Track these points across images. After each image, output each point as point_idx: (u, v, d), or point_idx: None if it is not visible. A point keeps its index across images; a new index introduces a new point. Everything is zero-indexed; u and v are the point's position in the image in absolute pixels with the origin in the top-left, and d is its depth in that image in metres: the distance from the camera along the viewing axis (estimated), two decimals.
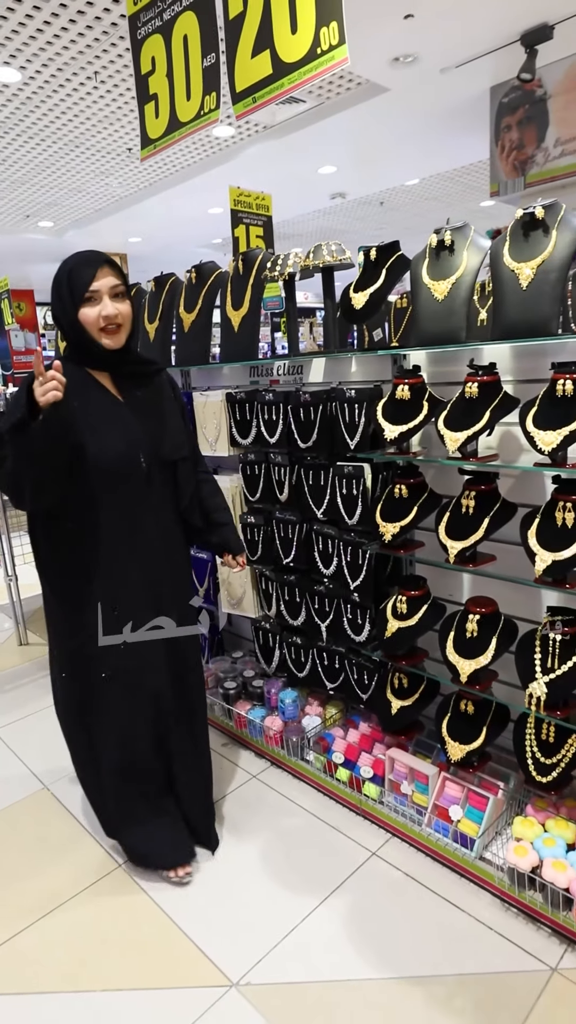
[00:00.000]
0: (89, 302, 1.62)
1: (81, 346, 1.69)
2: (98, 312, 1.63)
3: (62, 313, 1.66)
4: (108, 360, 1.72)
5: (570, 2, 3.69)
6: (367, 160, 6.17)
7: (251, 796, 2.35)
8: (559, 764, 1.77)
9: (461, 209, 7.88)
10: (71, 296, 1.62)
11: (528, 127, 4.56)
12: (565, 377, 1.56)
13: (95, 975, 1.69)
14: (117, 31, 3.80)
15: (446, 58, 4.26)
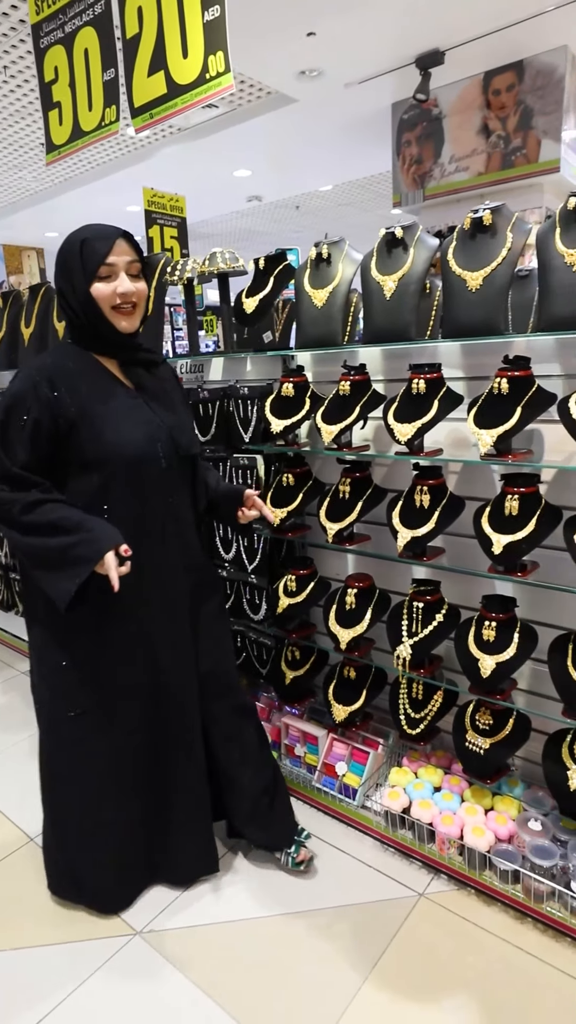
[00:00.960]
0: (104, 278, 1.47)
1: (89, 327, 1.52)
2: (113, 289, 1.47)
3: (70, 289, 1.49)
4: (119, 344, 1.57)
5: (459, 31, 4.01)
6: (281, 165, 6.37)
7: None
8: (426, 718, 2.02)
9: (374, 215, 8.22)
10: (83, 269, 1.46)
11: (426, 143, 4.89)
12: (419, 377, 1.80)
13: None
14: (25, 27, 3.83)
15: (349, 74, 4.51)
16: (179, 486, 1.67)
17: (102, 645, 1.61)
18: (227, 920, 1.82)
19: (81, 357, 1.55)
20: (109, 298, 1.48)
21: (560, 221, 1.61)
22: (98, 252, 1.45)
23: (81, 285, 1.47)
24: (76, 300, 1.49)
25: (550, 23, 3.86)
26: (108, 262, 1.46)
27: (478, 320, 1.73)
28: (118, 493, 1.52)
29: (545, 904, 1.73)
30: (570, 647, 1.72)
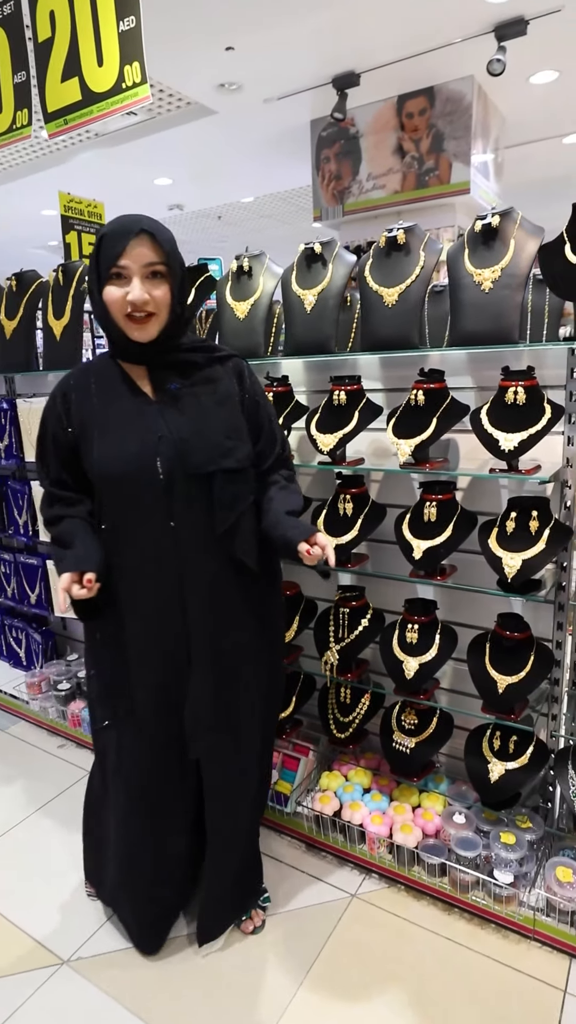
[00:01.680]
0: (116, 279, 1.29)
1: (107, 333, 1.39)
2: (123, 294, 1.29)
3: (91, 291, 1.36)
4: (138, 354, 1.39)
5: (373, 55, 4.16)
6: (201, 175, 6.38)
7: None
8: (355, 721, 2.07)
9: (295, 228, 8.36)
10: (96, 269, 1.31)
11: (344, 160, 5.03)
12: (340, 389, 1.85)
13: None
14: None
15: (268, 90, 4.59)
16: (185, 508, 1.39)
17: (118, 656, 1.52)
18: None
19: (107, 365, 1.43)
20: (121, 304, 1.29)
21: (468, 242, 1.71)
22: (111, 251, 1.27)
23: (93, 287, 1.33)
24: (93, 303, 1.35)
25: (457, 54, 4.08)
26: (120, 264, 1.27)
27: (394, 334, 1.80)
28: (112, 512, 1.41)
29: (470, 893, 1.80)
30: (487, 646, 1.81)
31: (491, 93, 4.67)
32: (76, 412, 1.41)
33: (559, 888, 1.68)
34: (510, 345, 1.64)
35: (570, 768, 1.76)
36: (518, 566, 1.59)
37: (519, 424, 1.59)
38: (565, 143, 5.76)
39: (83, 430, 1.40)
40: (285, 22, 3.71)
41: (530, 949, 1.73)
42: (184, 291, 1.38)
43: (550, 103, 4.90)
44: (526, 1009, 1.57)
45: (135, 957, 1.73)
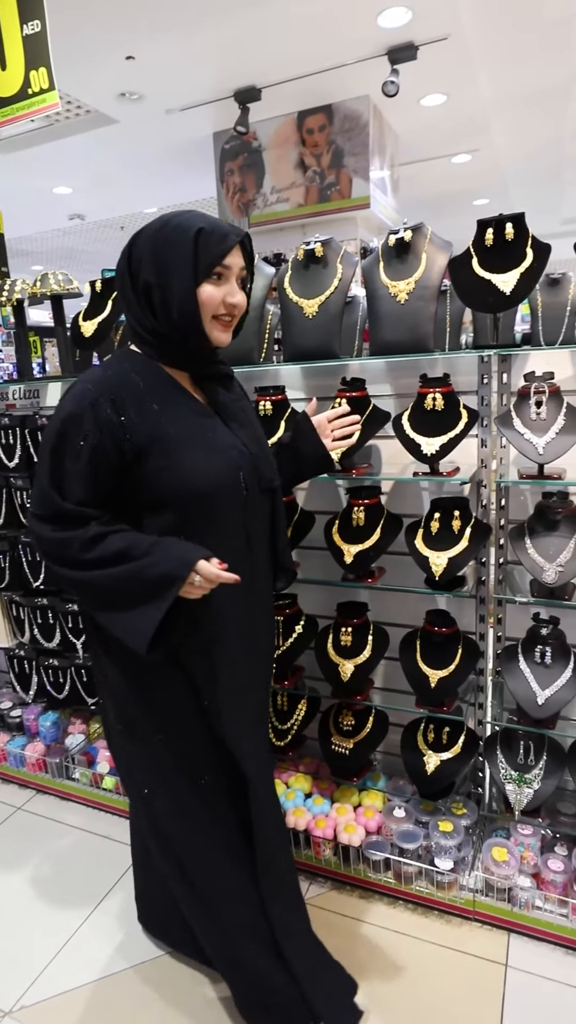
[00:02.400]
0: (216, 279, 1.22)
1: (175, 333, 1.24)
2: (223, 296, 1.23)
3: (163, 282, 1.20)
4: (200, 358, 1.32)
5: (273, 71, 4.24)
6: (102, 184, 6.25)
7: (16, 829, 2.29)
8: (293, 728, 2.08)
9: None
10: (195, 264, 1.19)
11: (248, 173, 5.09)
12: (265, 399, 1.87)
13: None
14: None
15: (170, 101, 4.57)
16: (258, 525, 1.39)
17: (194, 702, 1.32)
18: (105, 976, 1.72)
19: (148, 368, 1.26)
20: (215, 305, 1.23)
21: (383, 255, 1.78)
22: (217, 248, 1.20)
23: (186, 282, 1.20)
24: (174, 297, 1.20)
25: (353, 74, 4.24)
26: (225, 263, 1.21)
27: (317, 344, 1.84)
28: (192, 535, 1.23)
29: (414, 884, 1.85)
30: (418, 643, 1.88)
31: (385, 112, 4.88)
32: (138, 421, 1.19)
33: (496, 868, 1.77)
34: (426, 354, 1.72)
35: (499, 753, 1.86)
36: (444, 564, 1.66)
37: (439, 428, 1.68)
38: (454, 162, 6.11)
39: (152, 442, 1.20)
40: (185, 35, 3.72)
41: (472, 930, 1.81)
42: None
43: (439, 124, 5.19)
44: (472, 986, 1.64)
45: (78, 999, 1.65)
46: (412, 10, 3.61)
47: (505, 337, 2.79)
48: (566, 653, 1.75)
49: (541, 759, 1.81)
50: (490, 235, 1.65)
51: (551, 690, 1.68)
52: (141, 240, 1.23)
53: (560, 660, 1.73)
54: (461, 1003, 1.60)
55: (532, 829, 1.86)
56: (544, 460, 1.57)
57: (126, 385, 1.22)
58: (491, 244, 1.65)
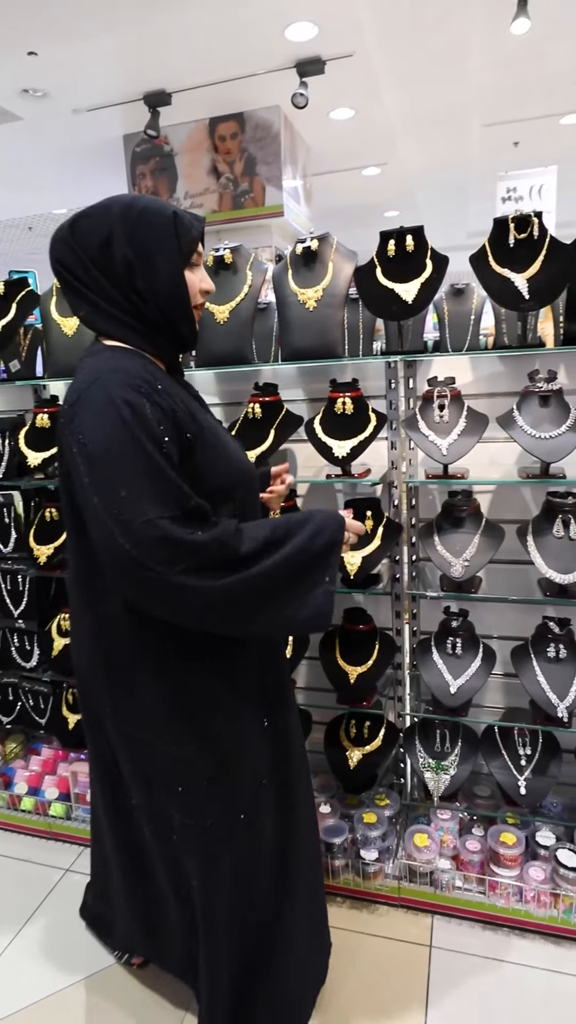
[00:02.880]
0: (193, 264, 1.16)
1: (164, 322, 1.15)
2: (199, 281, 1.18)
3: (146, 270, 1.10)
4: (180, 348, 1.24)
5: (184, 77, 4.23)
6: (8, 183, 6.02)
7: None
8: None
9: None
10: (179, 248, 1.12)
11: (160, 177, 5.05)
12: None
13: None
14: None
15: (77, 100, 4.47)
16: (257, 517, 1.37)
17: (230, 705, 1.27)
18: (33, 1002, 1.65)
19: (142, 358, 1.14)
20: (195, 293, 1.17)
21: (291, 263, 1.82)
22: (194, 232, 1.14)
23: (172, 265, 1.11)
24: (159, 281, 1.11)
25: (264, 84, 4.29)
26: (199, 249, 1.16)
27: (229, 350, 1.85)
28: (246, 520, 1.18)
29: (341, 877, 1.89)
30: (336, 641, 1.92)
31: (296, 123, 4.98)
32: (181, 414, 1.12)
33: (417, 853, 1.84)
34: (336, 359, 1.77)
35: (417, 743, 1.93)
36: (359, 563, 1.72)
37: (349, 432, 1.73)
38: (364, 175, 6.30)
39: (198, 429, 1.14)
40: (91, 34, 3.65)
41: (397, 916, 1.86)
42: None
43: (349, 137, 5.34)
44: (399, 970, 1.69)
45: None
46: (318, 26, 3.70)
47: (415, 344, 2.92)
48: (475, 643, 1.84)
49: (456, 746, 1.90)
50: (392, 246, 1.72)
51: (462, 679, 1.77)
52: (110, 219, 1.10)
53: (470, 650, 1.81)
54: (389, 987, 1.65)
55: (450, 813, 1.94)
56: (448, 460, 1.65)
57: (151, 377, 1.10)
58: (393, 255, 1.72)
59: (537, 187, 3.87)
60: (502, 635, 1.99)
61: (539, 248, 1.62)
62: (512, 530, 1.76)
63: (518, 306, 1.63)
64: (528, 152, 5.86)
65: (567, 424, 1.59)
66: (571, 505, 1.66)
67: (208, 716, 1.22)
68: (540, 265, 1.61)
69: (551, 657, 1.73)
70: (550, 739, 1.86)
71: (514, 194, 3.98)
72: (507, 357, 1.83)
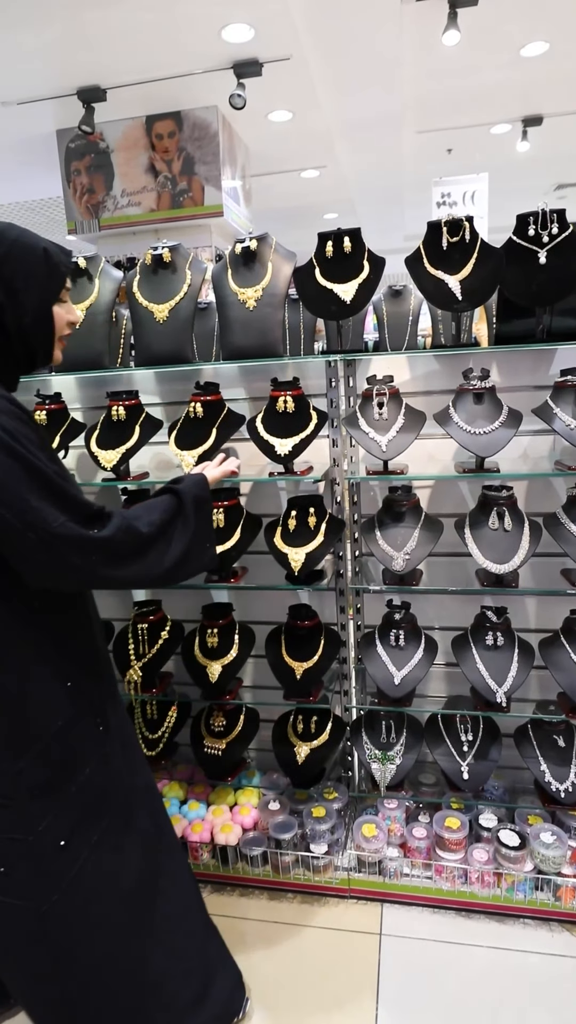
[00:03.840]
0: (61, 299, 1.19)
1: (24, 354, 1.17)
2: (67, 315, 1.21)
3: (11, 300, 1.11)
4: (27, 372, 1.24)
5: (119, 73, 4.16)
6: None
7: None
8: (164, 735, 2.05)
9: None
10: (48, 285, 1.15)
11: (96, 174, 4.94)
12: (118, 404, 1.84)
13: None
14: None
15: (5, 93, 4.33)
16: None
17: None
18: None
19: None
20: (62, 326, 1.20)
21: (230, 263, 1.82)
22: (64, 269, 1.17)
23: (42, 303, 1.15)
24: (28, 320, 1.13)
25: (200, 84, 4.26)
26: (67, 285, 1.20)
27: (169, 349, 1.84)
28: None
29: (292, 873, 1.91)
30: (282, 638, 1.93)
31: (235, 124, 4.96)
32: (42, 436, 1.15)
33: (366, 843, 1.87)
34: (276, 359, 1.79)
35: (364, 735, 1.97)
36: (302, 559, 1.73)
37: (291, 430, 1.74)
38: (303, 177, 6.34)
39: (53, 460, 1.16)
40: (20, 25, 3.54)
41: (348, 907, 1.89)
42: None
43: (287, 140, 5.36)
44: (350, 959, 1.72)
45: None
46: (254, 28, 3.70)
47: (356, 344, 2.96)
48: (418, 635, 1.89)
49: (401, 736, 1.94)
50: (330, 247, 1.75)
51: (406, 670, 1.81)
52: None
53: (412, 642, 1.86)
54: (340, 977, 1.67)
55: (397, 802, 1.98)
56: (387, 456, 1.69)
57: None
58: (331, 256, 1.75)
59: (470, 193, 3.99)
60: (443, 626, 2.05)
61: (471, 251, 1.68)
62: (451, 523, 1.82)
63: (452, 306, 1.68)
64: (460, 159, 6.04)
65: (500, 420, 1.65)
66: (505, 498, 1.72)
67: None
68: (472, 267, 1.66)
69: (489, 645, 1.80)
70: (490, 724, 1.93)
71: (448, 199, 4.09)
72: (443, 356, 1.89)
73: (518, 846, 1.79)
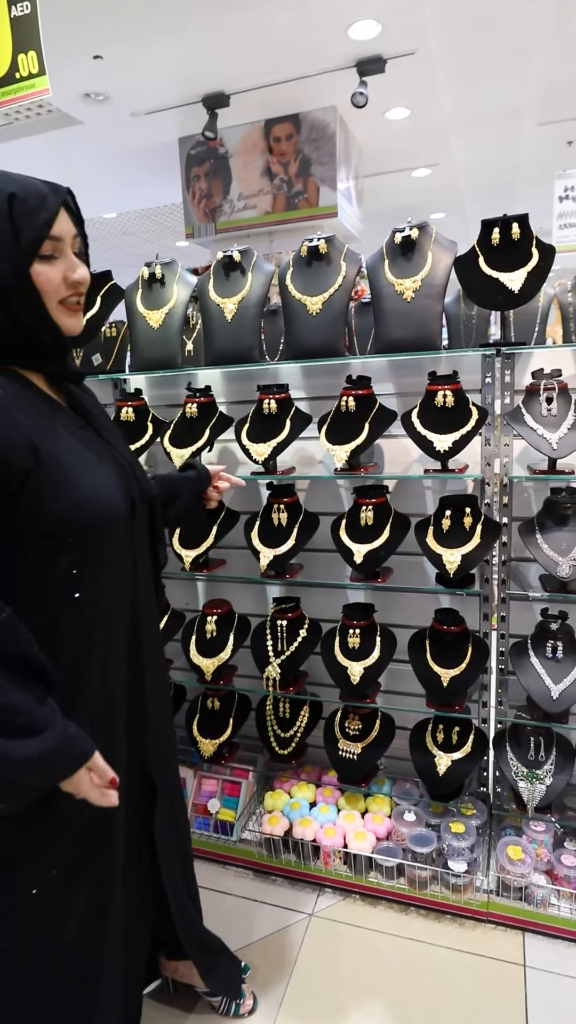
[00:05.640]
0: (47, 257, 0.99)
1: (18, 329, 1.00)
2: (62, 274, 1.00)
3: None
4: (56, 353, 1.07)
5: (241, 79, 4.23)
6: None
7: None
8: (296, 735, 2.03)
9: (159, 246, 8.25)
10: (16, 241, 0.95)
11: (215, 179, 5.05)
12: (269, 397, 1.83)
13: None
14: None
15: (136, 103, 4.50)
16: (142, 547, 1.19)
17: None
18: None
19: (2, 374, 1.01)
20: (56, 288, 1.00)
21: (387, 253, 1.77)
22: (39, 219, 0.96)
23: (14, 266, 0.96)
24: (5, 287, 0.97)
25: (320, 84, 4.26)
26: (54, 235, 0.98)
27: (320, 342, 1.81)
28: (91, 569, 1.03)
29: (428, 889, 1.82)
30: (427, 642, 1.86)
31: (351, 124, 4.94)
32: (21, 438, 0.95)
33: (511, 866, 1.76)
34: (433, 352, 1.72)
35: (508, 750, 1.86)
36: (459, 561, 1.65)
37: (450, 426, 1.67)
38: (414, 176, 6.24)
39: (40, 463, 0.96)
40: (156, 38, 3.66)
41: (486, 931, 1.79)
42: None
43: (402, 138, 5.28)
44: (493, 989, 1.62)
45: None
46: (382, 24, 3.66)
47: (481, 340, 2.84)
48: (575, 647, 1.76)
49: (551, 755, 1.81)
50: (496, 235, 1.67)
51: (564, 684, 1.69)
52: None
53: (571, 654, 1.74)
54: (485, 1008, 1.58)
55: (544, 826, 1.86)
56: (558, 455, 1.58)
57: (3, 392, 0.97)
58: (498, 244, 1.67)
59: None
60: None
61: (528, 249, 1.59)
62: None
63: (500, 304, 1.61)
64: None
65: None
66: None
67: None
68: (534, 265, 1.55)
69: None
70: None
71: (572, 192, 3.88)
72: None
73: None
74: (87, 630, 1.03)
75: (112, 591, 1.08)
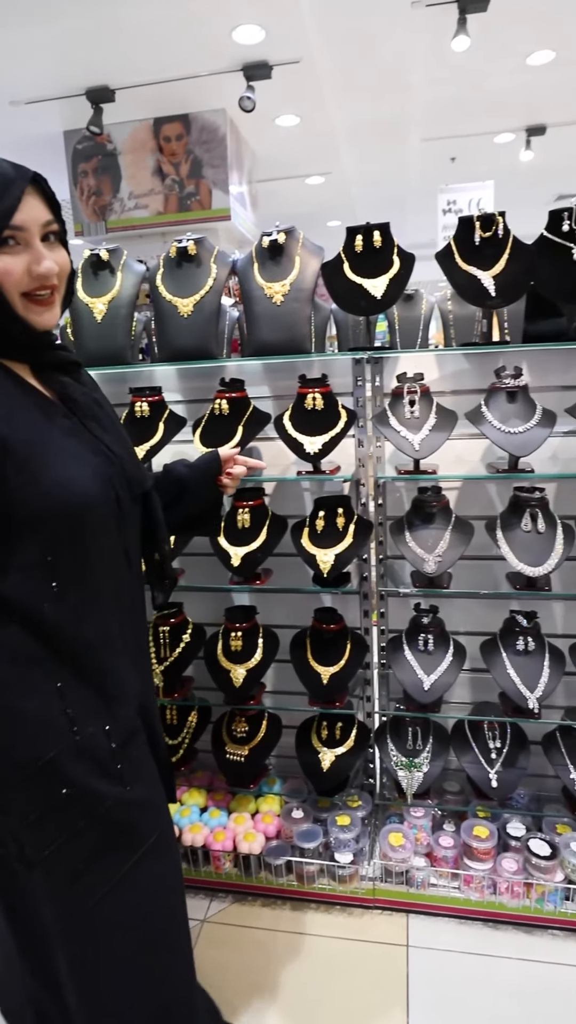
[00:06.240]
0: (8, 245, 0.94)
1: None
2: (25, 266, 0.95)
3: None
4: (32, 345, 1.02)
5: (128, 74, 4.14)
6: None
7: None
8: (184, 741, 2.00)
9: None
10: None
11: (104, 177, 4.92)
12: (140, 400, 1.80)
13: None
14: None
15: (13, 92, 4.30)
16: (133, 540, 1.14)
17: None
18: None
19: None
20: (18, 280, 0.95)
21: (256, 257, 1.79)
22: (5, 201, 0.92)
23: None
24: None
25: (209, 86, 4.25)
26: (15, 223, 0.92)
27: (192, 344, 1.80)
28: (68, 563, 1.00)
29: (316, 883, 1.85)
30: (307, 641, 1.89)
31: (242, 128, 4.96)
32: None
33: (392, 852, 1.82)
34: (304, 355, 1.75)
35: (389, 741, 1.92)
36: (332, 561, 1.69)
37: (320, 428, 1.71)
38: (308, 183, 6.35)
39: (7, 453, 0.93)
40: (25, 22, 3.52)
41: (374, 917, 1.84)
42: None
43: (293, 145, 5.36)
44: (378, 971, 1.68)
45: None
46: (265, 29, 3.69)
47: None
48: (446, 640, 1.85)
49: (428, 743, 1.90)
50: (359, 242, 1.72)
51: (435, 675, 1.77)
52: None
53: (441, 646, 1.82)
54: (369, 990, 1.62)
55: (423, 811, 1.94)
56: (420, 455, 1.65)
57: None
58: (361, 250, 1.72)
59: (476, 200, 3.99)
60: (468, 631, 2.00)
61: (503, 247, 1.65)
62: (479, 525, 1.78)
63: (485, 302, 1.65)
64: (464, 168, 6.05)
65: (535, 419, 1.62)
66: (537, 499, 1.69)
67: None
68: (505, 264, 1.64)
69: (520, 650, 1.76)
70: (519, 731, 1.89)
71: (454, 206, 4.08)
72: (472, 355, 1.86)
73: (549, 856, 1.75)
74: (73, 621, 1.00)
75: (98, 583, 1.04)
